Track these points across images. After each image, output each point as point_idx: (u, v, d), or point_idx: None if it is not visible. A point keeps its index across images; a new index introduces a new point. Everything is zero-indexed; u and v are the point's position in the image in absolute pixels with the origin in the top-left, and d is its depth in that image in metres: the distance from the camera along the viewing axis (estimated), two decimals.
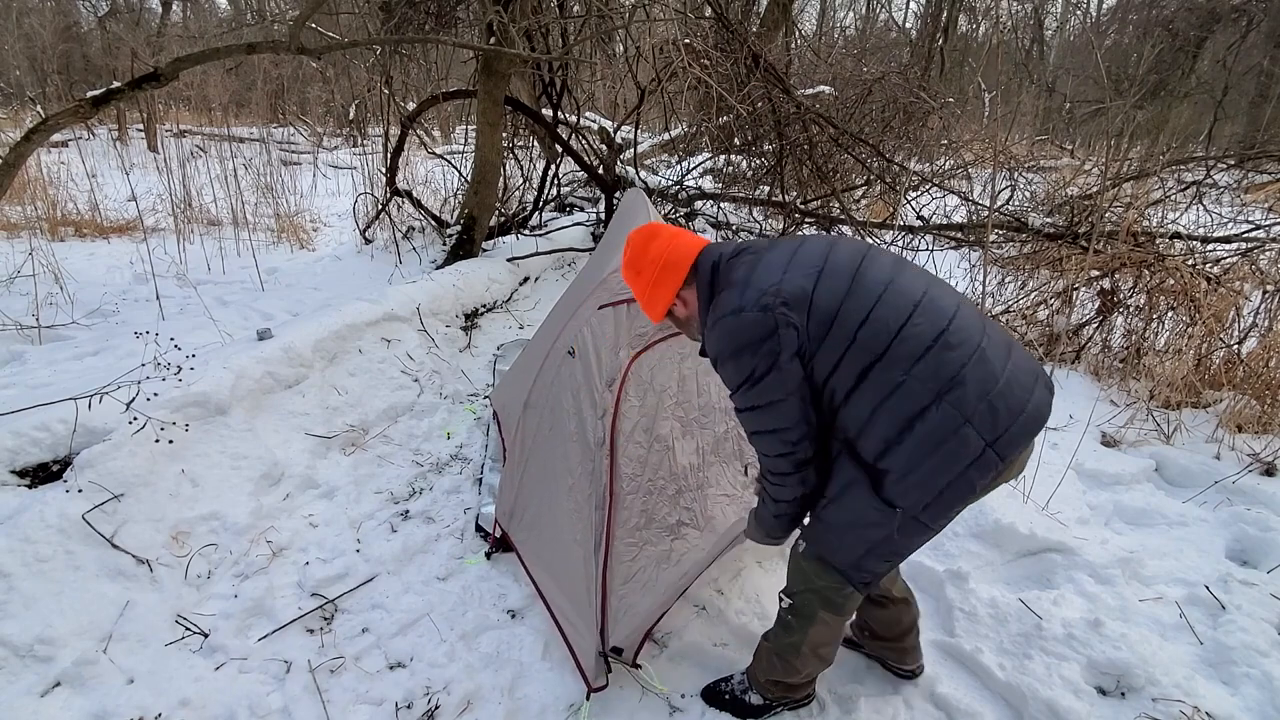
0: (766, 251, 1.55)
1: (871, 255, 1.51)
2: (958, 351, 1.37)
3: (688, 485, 2.11)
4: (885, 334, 1.38)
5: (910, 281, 1.46)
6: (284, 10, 8.91)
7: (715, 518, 2.15)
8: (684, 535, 2.08)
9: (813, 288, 1.43)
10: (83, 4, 15.05)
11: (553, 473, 2.23)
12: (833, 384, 1.45)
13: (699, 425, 2.17)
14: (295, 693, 1.94)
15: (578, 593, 2.01)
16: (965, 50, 16.01)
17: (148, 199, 6.38)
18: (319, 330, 3.39)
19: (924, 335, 1.38)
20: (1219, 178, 6.25)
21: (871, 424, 1.42)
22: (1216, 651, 2.10)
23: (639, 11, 5.39)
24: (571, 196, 7.22)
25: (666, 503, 2.07)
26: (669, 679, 2.01)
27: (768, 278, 1.47)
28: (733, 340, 1.47)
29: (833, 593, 1.63)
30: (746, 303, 1.45)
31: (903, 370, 1.37)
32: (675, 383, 2.14)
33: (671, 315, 1.71)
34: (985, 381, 1.36)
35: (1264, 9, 12.14)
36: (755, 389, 1.47)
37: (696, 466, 2.14)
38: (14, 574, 2.01)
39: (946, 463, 1.37)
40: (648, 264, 1.65)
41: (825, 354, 1.43)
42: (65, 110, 3.57)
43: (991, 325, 1.47)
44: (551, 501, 2.21)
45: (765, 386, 1.46)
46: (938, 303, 1.43)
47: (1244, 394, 3.45)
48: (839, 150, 5.94)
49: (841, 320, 1.41)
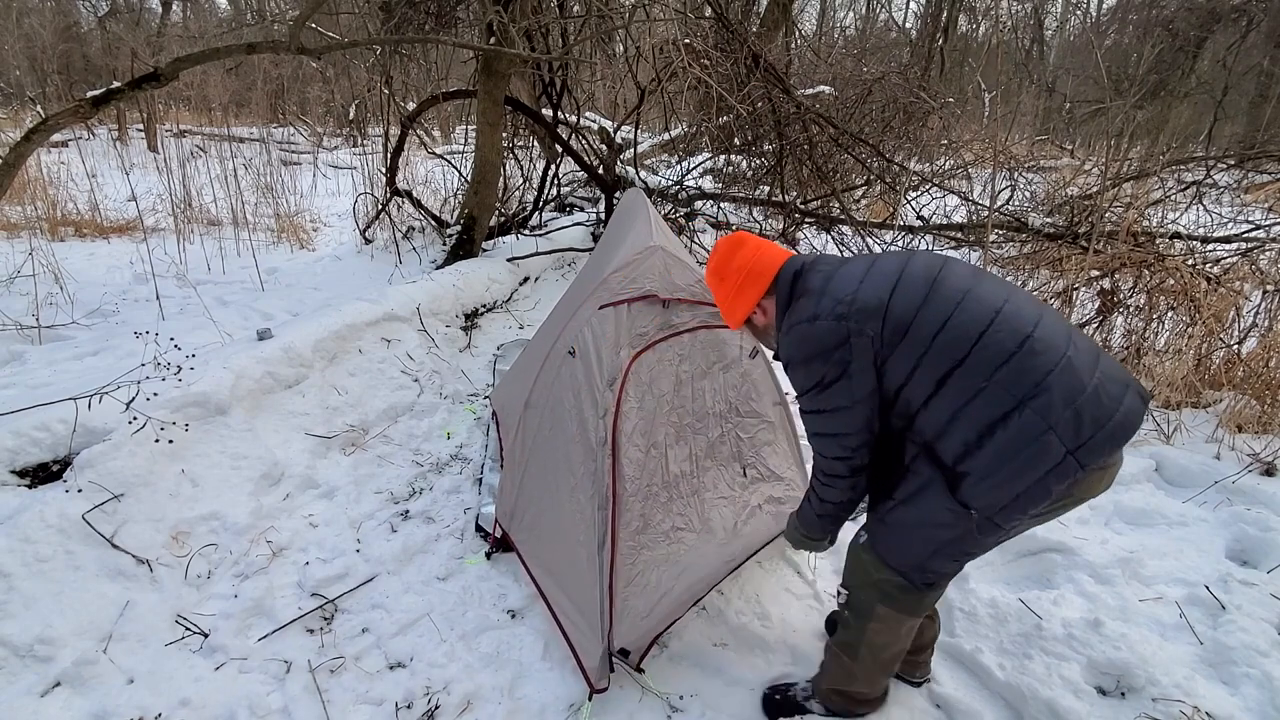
0: (844, 264, 1.61)
1: (949, 265, 1.53)
2: (1042, 358, 1.37)
3: (679, 493, 2.11)
4: (965, 341, 1.40)
5: (990, 290, 1.48)
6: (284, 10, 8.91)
7: (712, 520, 2.15)
8: (680, 540, 2.08)
9: (888, 297, 1.46)
10: (83, 4, 15.05)
11: (554, 473, 2.23)
12: (908, 390, 1.47)
13: (692, 431, 2.17)
14: (295, 693, 1.94)
15: (581, 593, 2.01)
16: (965, 50, 16.01)
17: (148, 199, 6.38)
18: (319, 330, 3.39)
19: (1005, 342, 1.39)
20: (1219, 178, 6.25)
21: (951, 428, 1.43)
22: (1216, 651, 2.10)
23: (639, 11, 5.39)
24: (571, 196, 7.22)
25: (660, 509, 2.07)
26: (669, 679, 2.01)
27: (844, 288, 1.51)
28: (806, 346, 1.52)
29: (892, 588, 1.62)
30: (821, 311, 1.50)
31: (984, 376, 1.39)
32: (672, 387, 2.14)
33: (749, 323, 1.76)
34: (1071, 389, 1.36)
35: (1264, 9, 12.14)
36: (823, 394, 1.52)
37: (689, 473, 2.15)
38: (14, 574, 2.01)
39: (1026, 467, 1.37)
40: (732, 271, 1.70)
41: (899, 361, 1.46)
42: (65, 110, 3.57)
43: (1079, 334, 1.47)
44: (553, 502, 2.21)
45: (833, 393, 1.51)
46: (1020, 310, 1.44)
47: (1244, 394, 3.45)
48: (839, 150, 5.94)
49: (917, 327, 1.43)
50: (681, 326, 2.18)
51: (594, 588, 1.94)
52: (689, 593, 2.06)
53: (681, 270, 2.24)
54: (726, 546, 2.20)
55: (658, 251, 2.23)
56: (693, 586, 2.07)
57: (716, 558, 2.15)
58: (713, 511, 2.16)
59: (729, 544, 2.20)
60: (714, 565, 2.14)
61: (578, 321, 2.28)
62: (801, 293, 1.59)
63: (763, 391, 2.32)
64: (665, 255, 2.23)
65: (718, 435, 2.23)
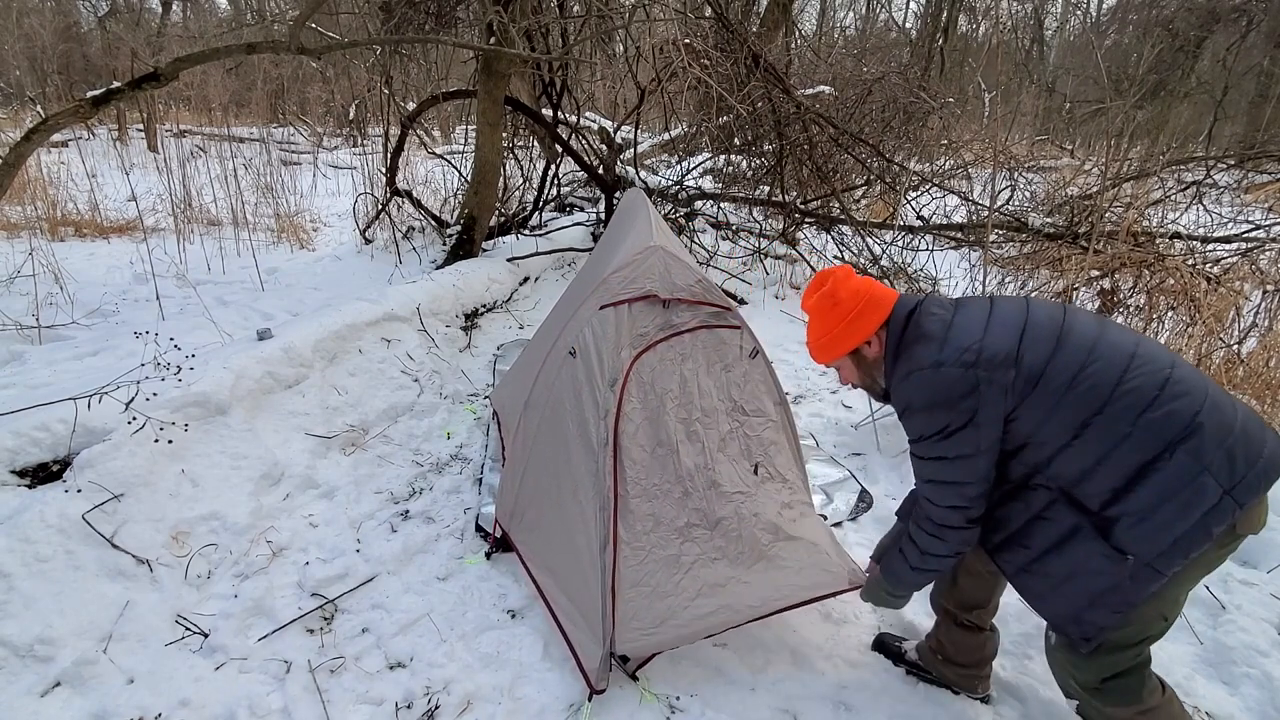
0: (959, 308, 1.58)
1: (1073, 313, 1.52)
2: (1186, 400, 1.37)
3: (695, 486, 2.07)
4: (1104, 387, 1.40)
5: (1119, 335, 1.47)
6: (284, 10, 8.91)
7: (726, 519, 2.08)
8: (694, 537, 2.03)
9: (1017, 345, 1.45)
10: (83, 4, 15.06)
11: (555, 474, 2.22)
12: (1041, 438, 1.46)
13: (703, 426, 2.14)
14: (295, 693, 1.94)
15: (582, 594, 2.00)
16: (965, 50, 16.01)
17: (148, 199, 6.37)
18: (319, 330, 3.39)
19: (1145, 388, 1.39)
20: (1219, 178, 6.25)
21: (1096, 473, 1.42)
22: (1216, 651, 2.10)
23: (639, 11, 5.39)
24: (571, 196, 7.22)
25: (673, 505, 2.04)
26: (669, 678, 2.00)
27: (968, 334, 1.48)
28: (930, 393, 1.49)
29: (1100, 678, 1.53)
30: (946, 358, 1.47)
31: (1128, 422, 1.38)
32: (677, 385, 2.13)
33: (857, 354, 1.68)
34: (1222, 430, 1.36)
35: (1264, 9, 12.15)
36: (945, 442, 1.50)
37: (703, 466, 2.11)
38: (14, 574, 2.01)
39: (1183, 510, 1.36)
40: (850, 295, 1.63)
41: (1031, 410, 1.44)
42: (65, 110, 3.57)
43: (1209, 379, 1.47)
44: (554, 502, 2.21)
45: (956, 440, 1.48)
46: (1154, 354, 1.44)
47: (1244, 394, 3.45)
48: (839, 150, 5.94)
49: (1050, 377, 1.42)
50: (682, 326, 2.17)
51: (595, 589, 1.93)
52: (702, 622, 1.95)
53: (681, 270, 2.23)
54: (747, 573, 2.04)
55: (658, 251, 2.23)
56: (705, 610, 1.96)
57: (737, 586, 2.01)
58: (729, 508, 2.09)
59: (749, 565, 2.05)
60: (734, 602, 1.99)
61: (578, 322, 2.27)
62: (917, 338, 1.55)
63: (764, 392, 2.31)
64: (665, 255, 2.23)
65: (728, 431, 2.19)
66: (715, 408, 2.18)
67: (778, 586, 2.04)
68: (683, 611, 1.94)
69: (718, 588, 2.00)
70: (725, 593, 1.99)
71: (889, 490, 2.92)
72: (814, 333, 1.72)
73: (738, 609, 1.98)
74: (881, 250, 5.61)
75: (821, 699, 1.96)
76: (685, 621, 1.94)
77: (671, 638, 1.93)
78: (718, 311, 2.25)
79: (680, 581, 1.98)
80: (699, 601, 1.96)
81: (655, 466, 2.05)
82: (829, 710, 1.93)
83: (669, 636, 1.93)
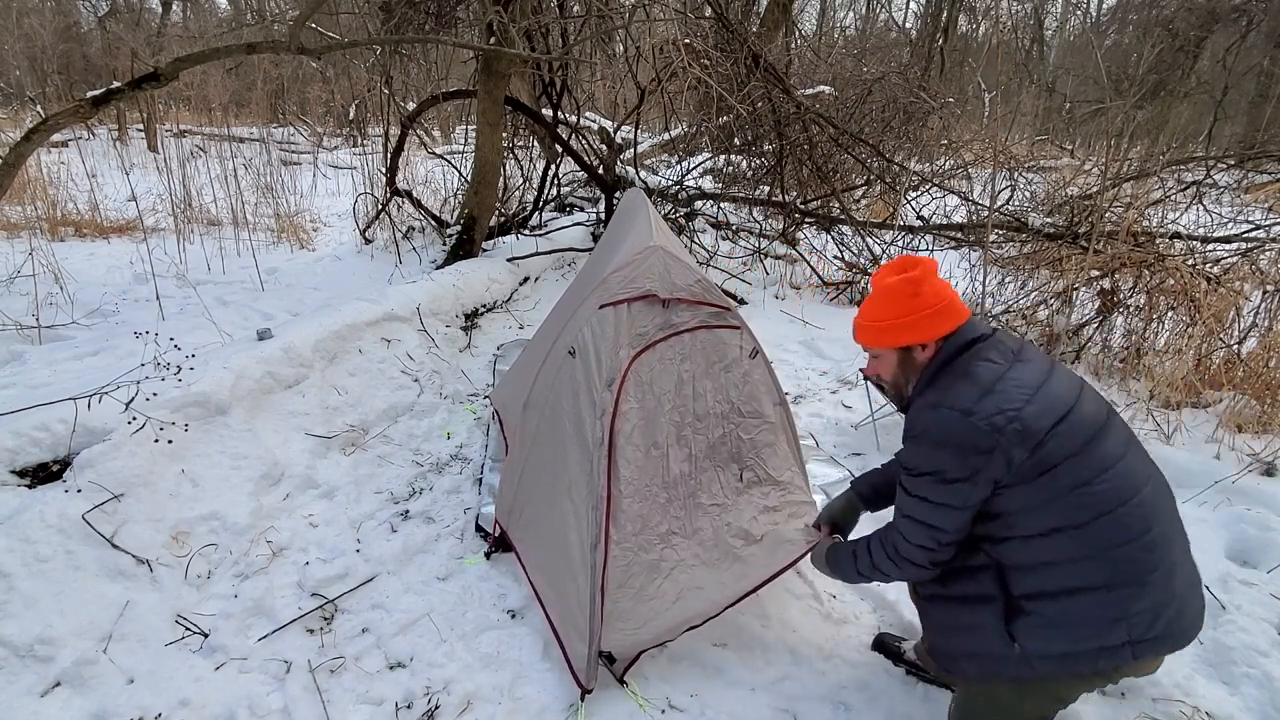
0: (1017, 362, 1.51)
1: (1113, 421, 1.51)
2: (1153, 555, 1.40)
3: (677, 494, 2.10)
4: (1095, 509, 1.40)
5: (1137, 465, 1.46)
6: (284, 10, 8.91)
7: (703, 529, 2.10)
8: (673, 544, 2.06)
9: (1047, 430, 1.41)
10: (83, 4, 15.06)
11: (551, 473, 2.22)
12: (1013, 520, 1.45)
13: (694, 430, 2.15)
14: (295, 693, 1.94)
15: (572, 592, 2.00)
16: (965, 50, 16.01)
17: (148, 199, 6.37)
18: (319, 330, 3.39)
19: (1132, 526, 1.40)
20: (1219, 178, 6.25)
21: (1037, 570, 1.44)
22: (1216, 651, 2.10)
23: (639, 11, 5.39)
24: (571, 196, 7.22)
25: (658, 510, 2.06)
26: (668, 679, 2.00)
27: (1012, 398, 1.43)
28: (945, 433, 1.46)
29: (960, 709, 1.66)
30: (981, 410, 1.42)
31: (1098, 548, 1.40)
32: (673, 386, 2.13)
33: (908, 352, 1.61)
34: (1164, 595, 1.41)
35: (1264, 9, 12.15)
36: (938, 487, 1.48)
37: (688, 474, 2.13)
38: (14, 574, 2.01)
39: (1085, 638, 1.41)
40: (934, 290, 1.57)
41: (1021, 495, 1.43)
42: (65, 110, 3.57)
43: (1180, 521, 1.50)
44: (549, 501, 2.21)
45: (948, 490, 1.47)
46: (1155, 499, 1.45)
47: (1244, 394, 3.45)
48: (839, 150, 5.95)
49: (1057, 476, 1.40)
50: (682, 326, 2.17)
51: (585, 587, 1.94)
52: (683, 617, 1.98)
53: (681, 270, 2.23)
54: (723, 574, 2.08)
55: (657, 251, 2.23)
56: (687, 611, 1.99)
57: (713, 586, 2.05)
58: (705, 520, 2.12)
59: (725, 568, 2.09)
60: (711, 596, 2.03)
61: (577, 321, 2.28)
62: (964, 374, 1.50)
63: (763, 392, 2.31)
64: (665, 255, 2.23)
65: (719, 435, 2.21)
66: (709, 411, 2.19)
67: (748, 573, 2.09)
68: (664, 614, 1.97)
69: (697, 590, 2.03)
70: (703, 595, 2.03)
71: None
72: (876, 313, 1.62)
73: (716, 601, 2.03)
74: (881, 250, 5.61)
75: (821, 699, 1.96)
76: (667, 623, 1.97)
77: (653, 635, 1.95)
78: (717, 311, 2.25)
79: (661, 585, 2.01)
80: (679, 605, 2.00)
81: (648, 468, 2.06)
82: (829, 710, 1.94)
83: (651, 635, 1.95)
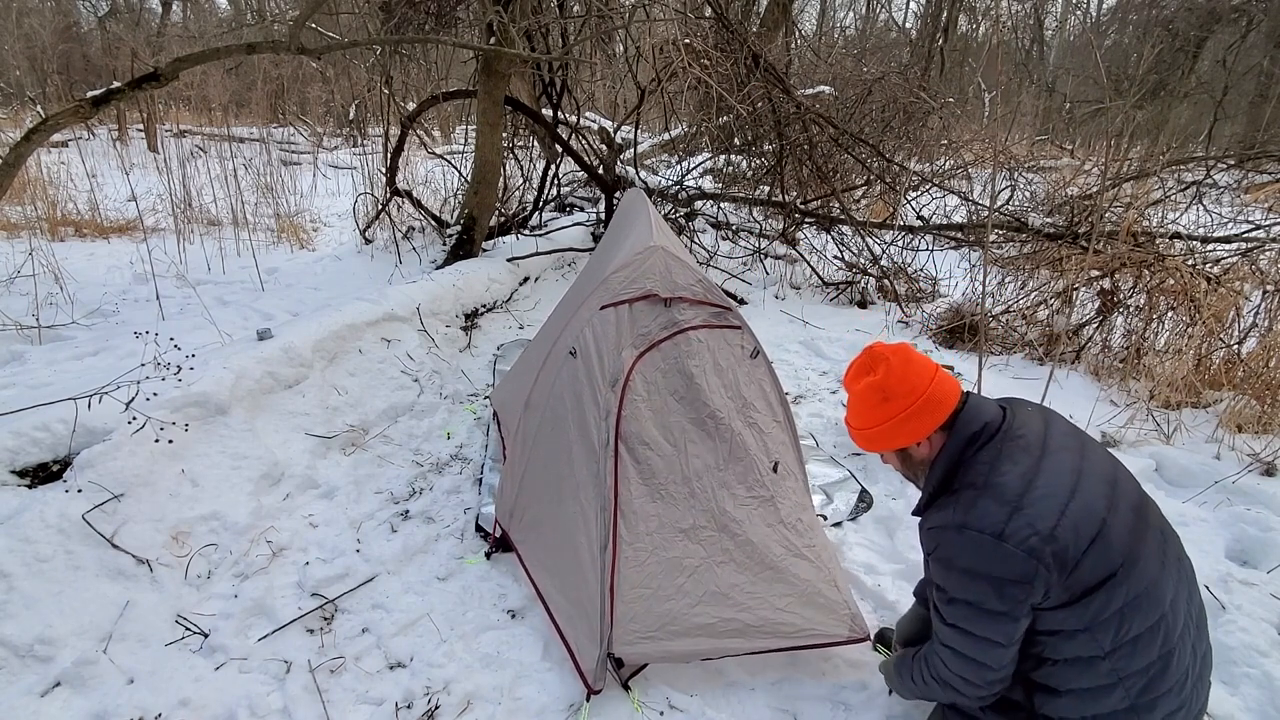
0: (1044, 464, 1.37)
1: (1148, 525, 1.40)
2: (1169, 678, 1.36)
3: (703, 487, 2.04)
4: (1124, 637, 1.33)
5: (1170, 583, 1.37)
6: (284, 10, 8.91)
7: (742, 521, 2.04)
8: (701, 539, 2.00)
9: (1083, 551, 1.29)
10: (83, 4, 15.06)
11: (555, 474, 2.22)
12: (1040, 640, 1.38)
13: (714, 424, 2.11)
14: (295, 693, 1.94)
15: (581, 594, 1.99)
16: (965, 50, 16.01)
17: (148, 199, 6.38)
18: (319, 330, 3.39)
19: (1157, 648, 1.34)
20: (1219, 178, 6.26)
21: (1063, 697, 1.40)
22: (1217, 651, 2.09)
23: (639, 11, 5.39)
24: (571, 196, 7.23)
25: (679, 506, 2.02)
26: (669, 679, 2.00)
27: (1046, 513, 1.29)
28: (976, 562, 1.33)
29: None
30: (1013, 532, 1.29)
31: (1117, 673, 1.34)
32: (683, 383, 2.11)
33: (904, 452, 1.52)
34: (1175, 704, 1.38)
35: (1264, 9, 12.16)
36: (978, 620, 1.36)
37: (713, 467, 2.07)
38: (14, 574, 2.01)
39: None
40: (905, 393, 1.44)
41: (1049, 618, 1.35)
42: (65, 110, 3.57)
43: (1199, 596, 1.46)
44: (554, 503, 2.20)
45: (990, 624, 1.35)
46: (1176, 603, 1.38)
47: (1244, 394, 3.45)
48: (839, 150, 5.95)
49: (1090, 604, 1.31)
50: (684, 325, 2.16)
51: (595, 589, 1.93)
52: (702, 636, 1.92)
53: (682, 270, 2.23)
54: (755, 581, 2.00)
55: (658, 251, 2.23)
56: (708, 629, 1.93)
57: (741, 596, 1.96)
58: (742, 511, 2.06)
59: (755, 574, 2.01)
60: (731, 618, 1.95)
61: (578, 322, 2.27)
62: (986, 485, 1.36)
63: (768, 390, 2.31)
64: (666, 255, 2.23)
65: (742, 428, 2.16)
66: (726, 405, 2.15)
67: (778, 611, 1.98)
68: (683, 617, 1.92)
69: (721, 596, 1.96)
70: (728, 603, 1.96)
71: (889, 490, 2.92)
72: (857, 421, 1.54)
73: (736, 627, 1.95)
74: (881, 250, 5.61)
75: (820, 699, 1.96)
76: (685, 629, 1.92)
77: (666, 650, 1.91)
78: (719, 311, 2.24)
79: (683, 585, 1.96)
80: (700, 608, 1.94)
81: (660, 466, 2.03)
82: (828, 710, 1.93)
83: (664, 648, 1.90)
